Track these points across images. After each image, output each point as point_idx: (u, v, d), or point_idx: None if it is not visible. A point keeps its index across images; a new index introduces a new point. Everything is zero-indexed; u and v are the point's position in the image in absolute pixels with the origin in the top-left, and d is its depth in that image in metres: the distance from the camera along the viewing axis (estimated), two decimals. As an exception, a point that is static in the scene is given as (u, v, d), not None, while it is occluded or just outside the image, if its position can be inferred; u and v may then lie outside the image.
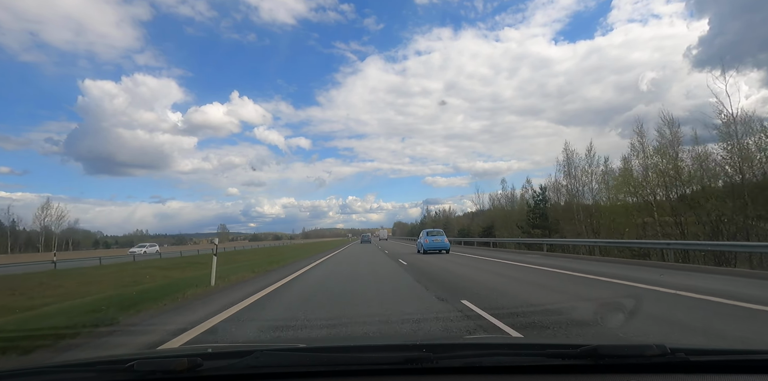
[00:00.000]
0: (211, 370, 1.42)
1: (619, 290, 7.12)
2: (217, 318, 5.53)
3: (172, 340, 4.38)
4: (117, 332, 4.88)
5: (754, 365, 1.41)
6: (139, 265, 20.77)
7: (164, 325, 5.13)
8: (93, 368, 1.52)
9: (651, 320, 4.65)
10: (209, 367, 1.42)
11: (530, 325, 4.58)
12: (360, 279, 10.35)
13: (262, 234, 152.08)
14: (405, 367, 1.45)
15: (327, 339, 3.94)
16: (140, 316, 5.80)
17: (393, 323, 4.94)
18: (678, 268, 11.00)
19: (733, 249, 14.86)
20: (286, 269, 13.83)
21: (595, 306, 5.70)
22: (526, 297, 6.61)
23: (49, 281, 12.42)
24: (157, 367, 1.40)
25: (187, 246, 76.26)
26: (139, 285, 10.47)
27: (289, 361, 1.51)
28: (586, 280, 8.69)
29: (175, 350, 3.14)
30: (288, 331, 4.73)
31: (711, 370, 1.38)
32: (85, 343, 4.38)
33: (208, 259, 12.79)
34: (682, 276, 9.05)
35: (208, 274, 9.69)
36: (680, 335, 4.06)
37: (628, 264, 13.22)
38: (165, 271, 15.28)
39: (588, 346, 1.41)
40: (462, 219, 65.92)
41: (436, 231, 24.37)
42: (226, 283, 9.78)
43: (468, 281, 8.97)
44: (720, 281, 8.11)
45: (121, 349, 4.19)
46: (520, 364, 1.45)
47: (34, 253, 48.04)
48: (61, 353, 3.98)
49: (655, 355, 1.37)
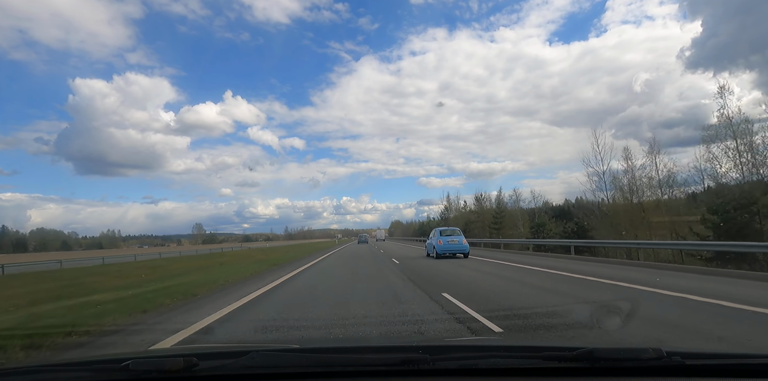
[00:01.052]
0: (207, 370, 1.42)
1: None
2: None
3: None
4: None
5: (751, 369, 1.41)
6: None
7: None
8: (88, 367, 1.52)
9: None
10: (205, 367, 1.42)
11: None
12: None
13: (255, 234, 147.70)
14: (401, 368, 1.45)
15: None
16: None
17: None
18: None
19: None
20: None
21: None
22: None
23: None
24: (153, 367, 1.40)
25: (166, 248, 70.81)
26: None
27: (284, 361, 1.51)
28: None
29: (171, 350, 3.14)
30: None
31: (707, 373, 1.39)
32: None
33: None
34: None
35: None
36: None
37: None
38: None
39: (584, 348, 1.42)
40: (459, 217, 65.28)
41: (452, 230, 20.26)
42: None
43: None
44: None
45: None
46: (516, 366, 1.45)
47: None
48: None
49: (651, 358, 1.37)
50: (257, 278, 11.60)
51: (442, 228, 21.28)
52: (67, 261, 28.78)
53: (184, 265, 19.12)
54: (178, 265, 19.35)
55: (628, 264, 14.72)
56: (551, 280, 9.17)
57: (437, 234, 19.12)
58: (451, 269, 12.56)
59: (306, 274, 12.82)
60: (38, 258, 38.41)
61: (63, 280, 13.75)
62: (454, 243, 18.13)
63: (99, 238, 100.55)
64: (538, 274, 10.58)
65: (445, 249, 18.07)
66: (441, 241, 18.23)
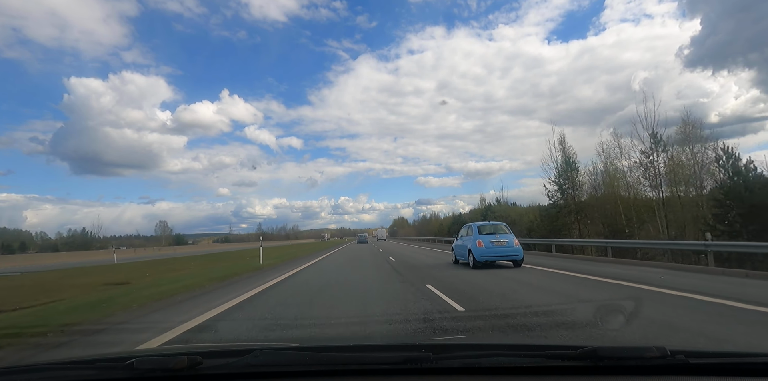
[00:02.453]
0: (211, 368, 1.43)
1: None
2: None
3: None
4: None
5: (755, 368, 1.40)
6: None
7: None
8: (92, 366, 1.53)
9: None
10: (209, 365, 1.42)
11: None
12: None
13: (251, 234, 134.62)
14: (404, 367, 1.45)
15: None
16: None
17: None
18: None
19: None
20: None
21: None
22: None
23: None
24: (157, 365, 1.41)
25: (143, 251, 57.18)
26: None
27: (288, 360, 1.51)
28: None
29: (175, 348, 3.15)
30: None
31: (711, 372, 1.38)
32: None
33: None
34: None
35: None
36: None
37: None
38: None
39: (588, 347, 1.41)
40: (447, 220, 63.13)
41: (494, 226, 13.98)
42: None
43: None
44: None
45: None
46: (519, 364, 1.45)
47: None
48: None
49: (655, 357, 1.36)
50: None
51: (481, 223, 14.50)
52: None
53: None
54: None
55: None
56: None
57: (474, 232, 13.22)
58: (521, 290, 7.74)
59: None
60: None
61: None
62: (502, 244, 12.68)
63: (68, 238, 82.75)
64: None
65: (487, 254, 12.47)
66: (481, 243, 12.60)
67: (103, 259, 32.21)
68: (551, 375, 1.42)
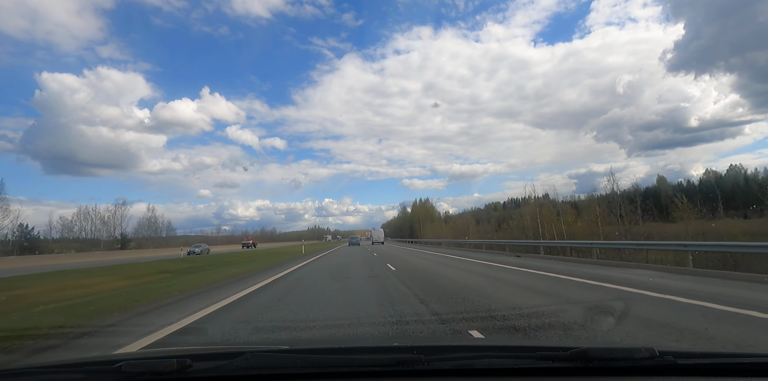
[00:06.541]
0: (201, 371, 1.41)
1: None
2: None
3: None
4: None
5: (742, 368, 1.44)
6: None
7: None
8: (80, 369, 1.49)
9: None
10: (198, 368, 1.40)
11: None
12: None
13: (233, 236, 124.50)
14: (396, 368, 1.45)
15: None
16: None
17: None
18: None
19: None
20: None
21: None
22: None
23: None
24: (146, 369, 1.38)
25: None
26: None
27: (279, 362, 1.50)
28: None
29: (164, 351, 3.10)
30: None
31: (699, 372, 1.40)
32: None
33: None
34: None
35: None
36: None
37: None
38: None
39: (578, 348, 1.43)
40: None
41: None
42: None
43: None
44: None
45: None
46: (510, 366, 1.46)
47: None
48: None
49: (643, 357, 1.39)
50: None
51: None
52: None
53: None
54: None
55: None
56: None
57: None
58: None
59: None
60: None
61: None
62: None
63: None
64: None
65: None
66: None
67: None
68: (542, 376, 1.44)
